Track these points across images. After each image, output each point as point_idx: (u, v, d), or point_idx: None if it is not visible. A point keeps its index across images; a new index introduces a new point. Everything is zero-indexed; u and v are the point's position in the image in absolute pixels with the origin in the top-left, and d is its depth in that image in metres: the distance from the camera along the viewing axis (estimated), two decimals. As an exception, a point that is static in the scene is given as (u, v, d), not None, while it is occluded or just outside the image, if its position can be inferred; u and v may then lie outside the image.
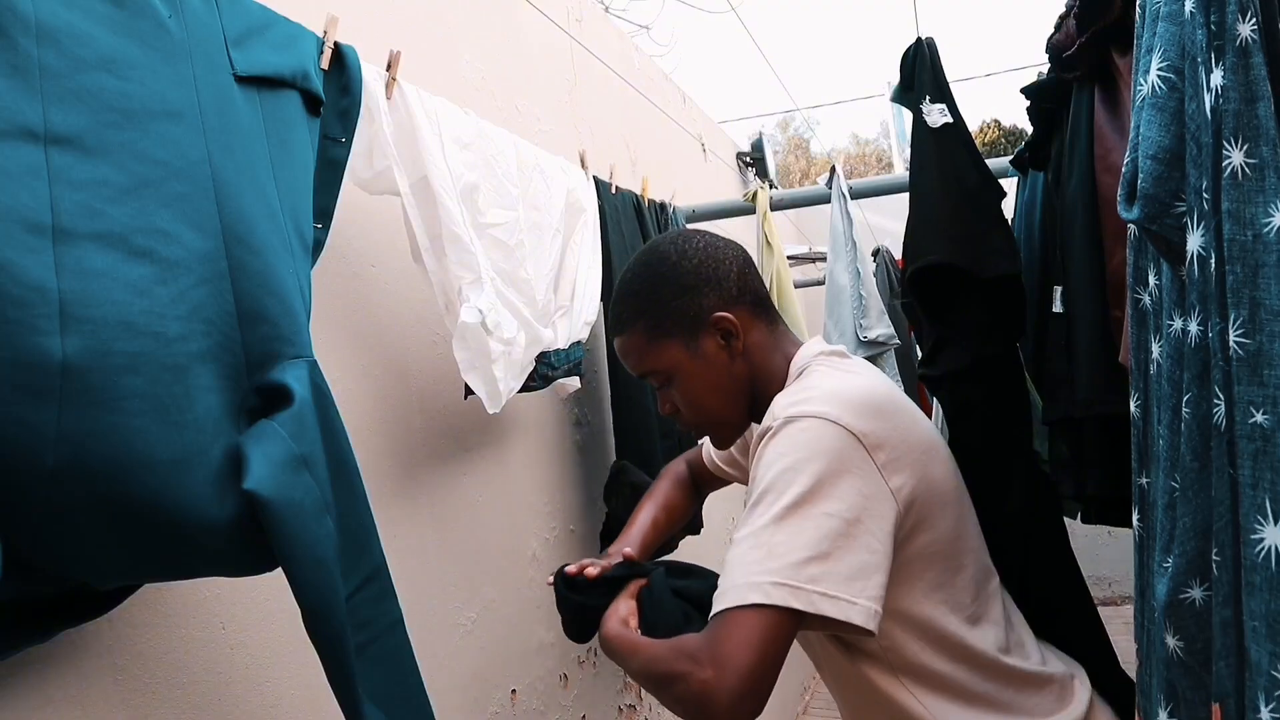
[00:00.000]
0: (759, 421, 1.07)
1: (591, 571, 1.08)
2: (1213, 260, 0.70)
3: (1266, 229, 0.67)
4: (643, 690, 2.11)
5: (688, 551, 1.92)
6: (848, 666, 1.03)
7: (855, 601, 0.83)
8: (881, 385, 1.01)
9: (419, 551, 1.33)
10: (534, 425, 1.74)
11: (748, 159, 3.85)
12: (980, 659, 0.98)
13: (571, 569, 1.10)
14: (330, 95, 0.95)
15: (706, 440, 1.39)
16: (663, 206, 2.10)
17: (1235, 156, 0.69)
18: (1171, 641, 0.77)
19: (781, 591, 0.82)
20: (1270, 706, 0.65)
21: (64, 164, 0.62)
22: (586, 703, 1.82)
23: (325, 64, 0.95)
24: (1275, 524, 0.65)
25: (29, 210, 0.59)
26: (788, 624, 0.82)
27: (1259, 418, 0.67)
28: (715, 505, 1.99)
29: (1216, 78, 0.70)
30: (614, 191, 1.84)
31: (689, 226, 1.86)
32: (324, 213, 0.93)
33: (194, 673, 0.94)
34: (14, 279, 0.57)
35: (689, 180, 2.92)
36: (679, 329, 1.06)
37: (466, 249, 1.16)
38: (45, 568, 0.66)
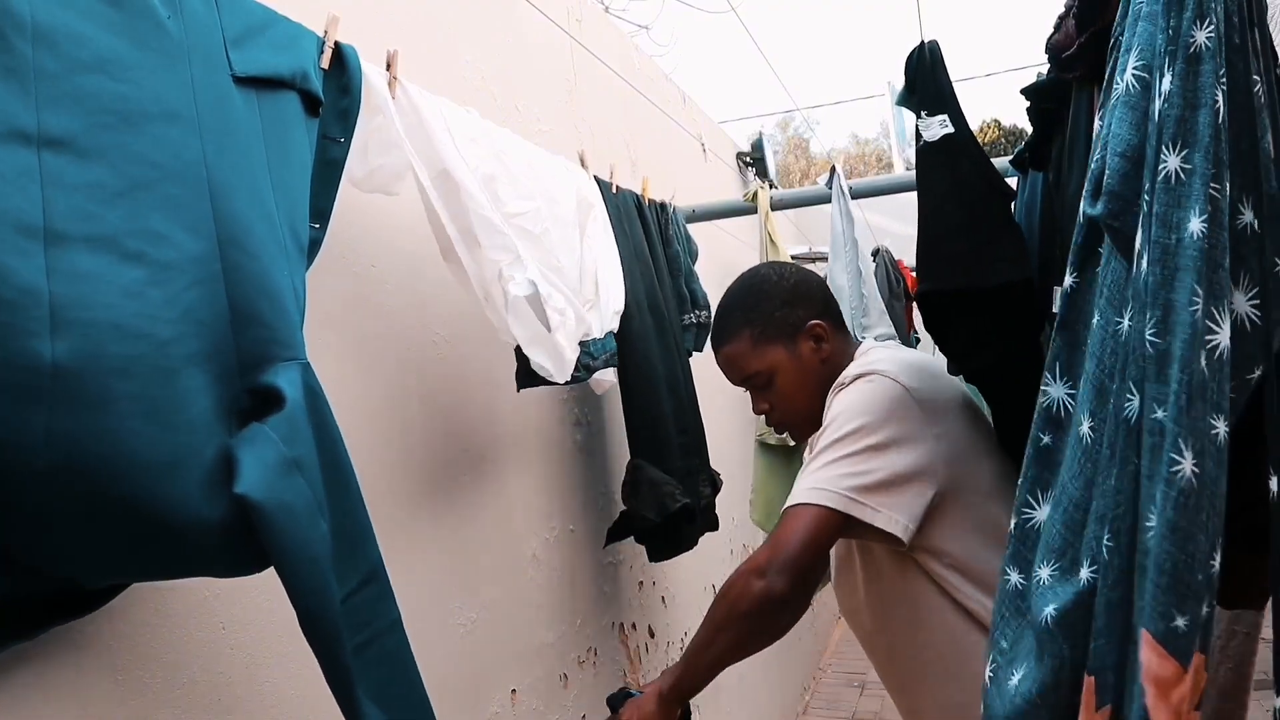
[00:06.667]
0: None
1: None
2: (1144, 261, 0.73)
3: (1186, 234, 0.69)
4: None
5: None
6: (899, 582, 1.21)
7: (886, 513, 1.09)
8: (927, 358, 1.29)
9: (419, 552, 1.33)
10: (534, 425, 1.74)
11: (748, 159, 3.84)
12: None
13: None
14: (330, 95, 0.95)
15: None
16: (663, 206, 2.10)
17: (1171, 161, 0.71)
18: (1049, 610, 0.82)
19: (830, 496, 1.09)
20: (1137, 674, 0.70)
21: (57, 166, 0.62)
22: (586, 703, 1.82)
23: (325, 64, 0.94)
24: (1157, 513, 0.70)
25: (21, 213, 0.59)
26: (834, 520, 1.10)
27: (1159, 414, 0.70)
28: (726, 506, 1.99)
29: (1165, 83, 0.72)
30: (614, 191, 1.84)
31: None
32: (321, 213, 0.93)
33: (194, 673, 0.94)
34: (5, 281, 0.57)
35: (689, 180, 2.91)
36: (781, 334, 1.30)
37: (499, 231, 1.13)
38: (37, 566, 0.66)
